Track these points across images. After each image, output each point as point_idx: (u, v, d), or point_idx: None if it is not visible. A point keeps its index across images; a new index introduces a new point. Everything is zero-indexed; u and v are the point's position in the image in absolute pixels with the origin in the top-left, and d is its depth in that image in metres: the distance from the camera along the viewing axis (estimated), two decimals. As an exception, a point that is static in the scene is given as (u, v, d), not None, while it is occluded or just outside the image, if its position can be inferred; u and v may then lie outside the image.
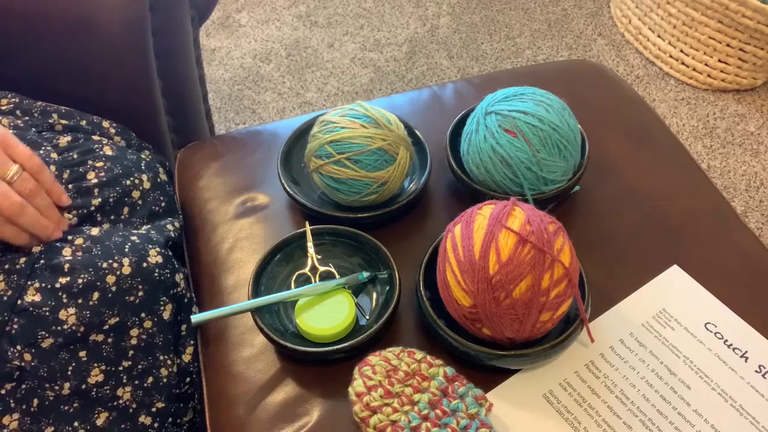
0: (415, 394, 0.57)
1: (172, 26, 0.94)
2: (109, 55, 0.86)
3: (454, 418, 0.56)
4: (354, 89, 1.73)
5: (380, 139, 0.71)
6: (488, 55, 1.81)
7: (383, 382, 0.57)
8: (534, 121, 0.70)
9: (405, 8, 1.94)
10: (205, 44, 1.83)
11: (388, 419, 0.56)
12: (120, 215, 0.73)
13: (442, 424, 0.56)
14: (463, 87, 0.96)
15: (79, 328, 0.63)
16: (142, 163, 0.78)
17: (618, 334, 0.68)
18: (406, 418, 0.56)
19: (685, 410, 0.62)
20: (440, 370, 0.59)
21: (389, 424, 0.56)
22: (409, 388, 0.58)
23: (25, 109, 0.78)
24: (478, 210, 0.63)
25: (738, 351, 0.66)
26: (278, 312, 0.69)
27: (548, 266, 0.58)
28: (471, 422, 0.56)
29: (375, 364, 0.58)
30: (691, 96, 1.70)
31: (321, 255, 0.71)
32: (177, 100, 1.01)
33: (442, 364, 0.60)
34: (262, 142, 0.90)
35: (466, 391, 0.58)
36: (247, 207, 0.82)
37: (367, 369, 0.58)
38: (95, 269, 0.64)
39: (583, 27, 1.89)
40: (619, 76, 0.99)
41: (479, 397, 0.58)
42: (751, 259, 0.74)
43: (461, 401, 0.57)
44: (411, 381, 0.58)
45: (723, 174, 1.53)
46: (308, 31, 1.88)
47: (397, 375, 0.58)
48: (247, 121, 1.66)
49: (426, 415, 0.56)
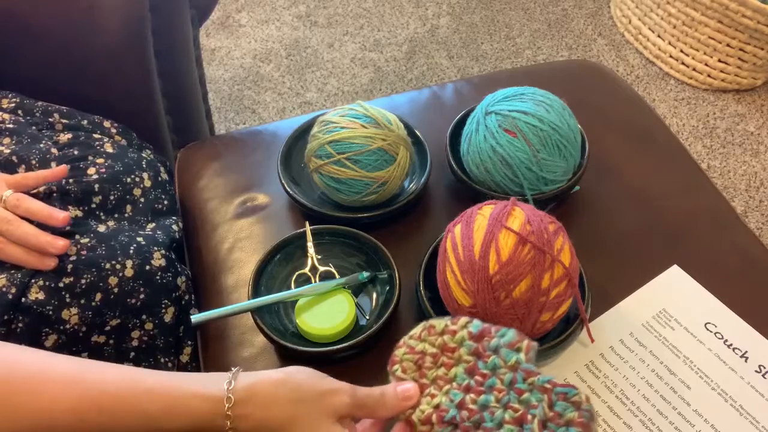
0: (449, 371, 0.52)
1: (172, 26, 0.94)
2: (109, 55, 0.86)
3: (496, 378, 0.50)
4: (354, 89, 1.73)
5: (380, 139, 0.71)
6: (488, 55, 1.81)
7: (416, 377, 0.53)
8: (534, 121, 0.70)
9: (405, 8, 1.94)
10: (205, 44, 1.83)
11: (430, 407, 0.51)
12: (123, 213, 0.73)
13: (486, 388, 0.50)
14: (463, 87, 0.96)
15: (81, 328, 0.63)
16: (143, 161, 0.78)
17: (618, 334, 0.68)
18: (447, 398, 0.51)
19: (685, 410, 0.62)
20: (464, 333, 0.53)
21: (432, 411, 0.51)
22: (441, 369, 0.53)
23: (26, 108, 0.78)
24: (478, 210, 0.63)
25: (738, 351, 0.66)
26: (278, 312, 0.69)
27: (548, 266, 0.58)
28: (514, 374, 0.50)
29: (402, 360, 0.54)
30: (691, 96, 1.70)
31: (321, 255, 0.71)
32: (177, 100, 1.01)
33: (464, 325, 0.53)
34: (262, 142, 0.90)
35: (497, 342, 0.51)
36: (247, 207, 0.82)
37: (396, 369, 0.54)
38: (98, 270, 0.64)
39: (583, 27, 1.89)
40: (619, 76, 0.99)
41: (513, 343, 0.51)
42: (751, 259, 0.74)
43: (496, 356, 0.51)
44: (440, 359, 0.53)
45: (723, 174, 1.53)
46: (308, 31, 1.88)
47: (425, 362, 0.53)
48: (247, 121, 1.66)
49: (467, 386, 0.51)
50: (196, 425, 0.48)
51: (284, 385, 0.49)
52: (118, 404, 0.47)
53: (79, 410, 0.46)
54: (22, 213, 0.63)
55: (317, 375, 0.51)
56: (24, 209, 0.63)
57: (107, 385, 0.48)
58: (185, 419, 0.48)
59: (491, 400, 0.50)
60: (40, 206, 0.64)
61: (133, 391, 0.48)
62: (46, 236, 0.62)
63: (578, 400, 0.48)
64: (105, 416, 0.47)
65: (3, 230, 0.61)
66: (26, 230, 0.62)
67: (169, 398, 0.48)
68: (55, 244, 0.62)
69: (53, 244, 0.62)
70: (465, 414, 0.50)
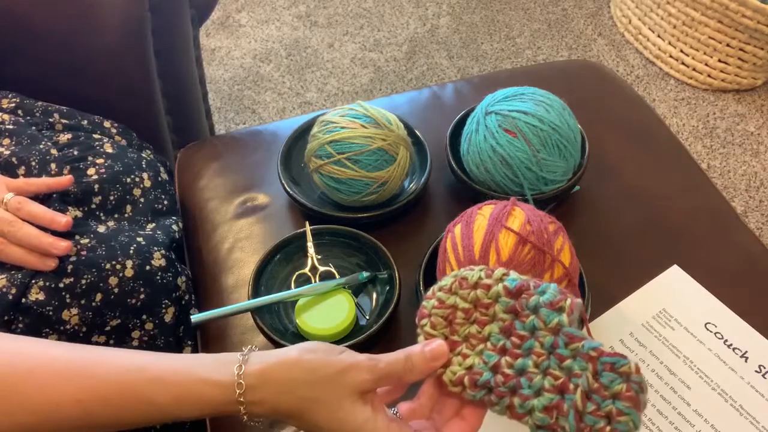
0: (483, 329, 0.48)
1: (172, 26, 0.94)
2: (109, 55, 0.86)
3: (535, 340, 0.46)
4: (354, 89, 1.73)
5: (380, 139, 0.71)
6: (488, 55, 1.81)
7: (446, 333, 0.49)
8: (534, 121, 0.70)
9: (405, 8, 1.94)
10: (205, 44, 1.83)
11: (462, 368, 0.47)
12: (123, 213, 0.73)
13: (524, 351, 0.46)
14: (463, 87, 0.96)
15: (81, 328, 0.63)
16: (143, 161, 0.78)
17: (618, 334, 0.68)
18: (481, 360, 0.47)
19: (685, 410, 0.62)
20: (500, 288, 0.48)
21: (465, 373, 0.47)
22: (474, 326, 0.48)
23: (26, 108, 0.78)
24: (478, 210, 0.63)
25: (738, 351, 0.66)
26: (278, 312, 0.69)
27: (548, 266, 0.58)
28: (556, 338, 0.45)
29: (431, 314, 0.49)
30: (691, 96, 1.70)
31: (321, 255, 0.71)
32: (177, 100, 1.01)
33: (499, 278, 0.48)
34: (262, 142, 0.90)
35: (537, 300, 0.46)
36: (247, 207, 0.82)
37: (425, 323, 0.49)
38: (98, 270, 0.64)
39: (583, 27, 1.89)
40: (619, 76, 0.99)
41: (555, 302, 0.46)
42: (751, 259, 0.74)
43: (536, 316, 0.46)
44: (474, 316, 0.48)
45: (723, 174, 1.53)
46: (308, 31, 1.88)
47: (456, 317, 0.49)
48: (247, 121, 1.66)
49: (502, 347, 0.47)
50: (208, 411, 0.46)
51: (298, 367, 0.46)
52: (124, 396, 0.46)
53: (84, 402, 0.45)
54: (24, 216, 0.63)
55: (334, 351, 0.48)
56: (26, 212, 0.63)
57: (112, 376, 0.46)
58: (196, 406, 0.46)
59: (529, 365, 0.45)
60: (43, 210, 0.64)
61: (139, 381, 0.46)
62: (48, 238, 0.62)
63: (627, 371, 0.43)
64: (111, 408, 0.46)
65: (5, 231, 0.61)
66: (28, 232, 0.62)
67: (178, 387, 0.46)
68: (58, 246, 0.62)
69: (56, 245, 0.62)
70: (500, 379, 0.46)
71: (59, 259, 0.63)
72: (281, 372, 0.46)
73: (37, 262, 0.62)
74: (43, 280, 0.62)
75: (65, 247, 0.63)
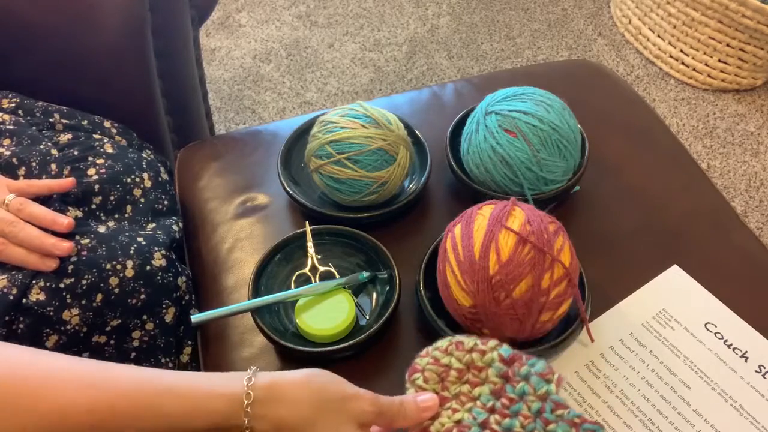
0: (473, 389, 0.52)
1: (172, 26, 0.94)
2: (109, 55, 0.86)
3: (524, 404, 0.50)
4: (354, 89, 1.73)
5: (380, 139, 0.71)
6: (488, 55, 1.81)
7: (437, 389, 0.52)
8: (534, 121, 0.70)
9: (405, 8, 1.94)
10: (205, 44, 1.83)
11: (451, 421, 0.51)
12: (124, 213, 0.73)
13: (512, 413, 0.50)
14: (463, 87, 0.96)
15: (81, 328, 0.63)
16: (143, 161, 0.78)
17: (618, 334, 0.68)
18: (470, 416, 0.51)
19: (685, 410, 0.62)
20: (495, 355, 0.52)
21: (453, 425, 0.50)
22: (465, 386, 0.52)
23: (26, 108, 0.78)
24: (478, 210, 0.63)
25: (738, 351, 0.66)
26: (278, 312, 0.69)
27: (548, 266, 0.58)
28: (543, 404, 0.50)
29: (425, 369, 0.53)
30: (691, 96, 1.70)
31: (321, 255, 0.72)
32: (177, 100, 1.01)
33: (495, 347, 0.53)
34: (262, 142, 0.90)
35: (528, 370, 0.51)
36: (247, 207, 0.82)
37: (417, 377, 0.53)
38: (99, 270, 0.64)
39: (583, 27, 1.89)
40: (619, 76, 0.99)
41: (545, 374, 0.51)
42: (751, 259, 0.74)
43: (526, 383, 0.51)
44: (466, 377, 0.52)
45: (723, 174, 1.53)
46: (308, 31, 1.88)
47: (449, 376, 0.52)
48: (247, 121, 1.66)
49: (491, 407, 0.51)
50: (214, 425, 0.47)
51: (307, 387, 0.48)
52: (135, 406, 0.46)
53: (95, 412, 0.45)
54: (26, 217, 0.63)
55: (339, 379, 0.50)
56: (27, 213, 0.63)
57: (123, 387, 0.46)
58: (205, 419, 0.47)
59: (516, 425, 0.49)
60: (44, 211, 0.64)
61: (150, 392, 0.46)
62: (50, 239, 0.62)
63: None
64: (122, 419, 0.46)
65: (6, 232, 0.61)
66: (30, 232, 0.62)
67: (189, 399, 0.46)
68: (60, 247, 0.62)
69: (58, 246, 0.62)
70: None
71: (60, 259, 0.63)
72: (289, 389, 0.48)
73: (38, 263, 0.62)
74: (44, 281, 0.62)
75: (68, 248, 0.63)
